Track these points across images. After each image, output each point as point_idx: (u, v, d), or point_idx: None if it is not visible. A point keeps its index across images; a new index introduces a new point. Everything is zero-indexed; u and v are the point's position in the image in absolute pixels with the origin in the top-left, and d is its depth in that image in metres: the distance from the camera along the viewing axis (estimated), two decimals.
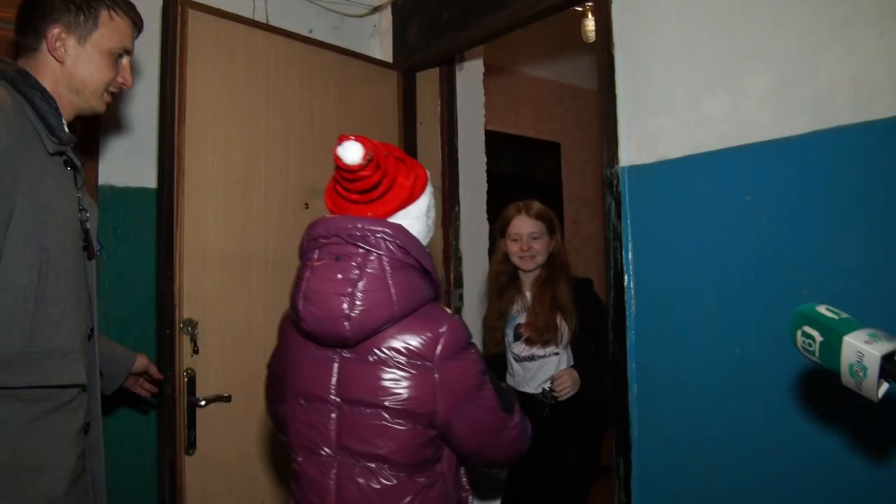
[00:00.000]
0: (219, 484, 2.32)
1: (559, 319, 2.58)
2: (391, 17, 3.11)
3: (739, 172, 1.86)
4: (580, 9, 4.20)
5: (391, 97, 3.00)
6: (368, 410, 1.40)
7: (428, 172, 1.56)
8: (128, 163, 2.40)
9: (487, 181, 3.46)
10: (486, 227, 3.38)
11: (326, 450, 1.44)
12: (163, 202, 2.27)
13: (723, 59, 1.90)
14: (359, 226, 1.40)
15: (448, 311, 1.50)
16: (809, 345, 1.09)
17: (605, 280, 2.19)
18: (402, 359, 1.39)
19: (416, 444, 1.41)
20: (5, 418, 1.35)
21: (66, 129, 1.52)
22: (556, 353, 2.60)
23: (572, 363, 2.60)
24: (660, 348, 2.05)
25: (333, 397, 1.44)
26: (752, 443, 1.83)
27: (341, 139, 1.38)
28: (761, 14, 1.82)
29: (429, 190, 1.53)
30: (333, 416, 1.44)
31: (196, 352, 2.24)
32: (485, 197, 3.42)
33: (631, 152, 2.13)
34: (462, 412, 1.42)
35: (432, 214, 1.54)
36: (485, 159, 3.43)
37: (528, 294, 2.71)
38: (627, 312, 2.11)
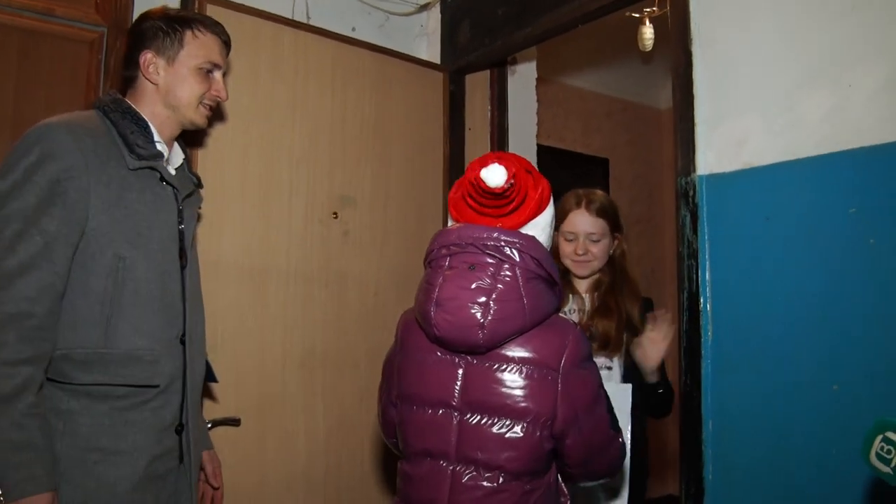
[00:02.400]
0: None
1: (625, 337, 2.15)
2: (440, 16, 2.93)
3: (842, 182, 1.63)
4: (637, 15, 3.97)
5: (436, 100, 2.82)
6: (491, 418, 1.43)
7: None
8: None
9: None
10: None
11: (445, 454, 1.46)
12: None
13: (824, 52, 1.67)
14: (494, 236, 1.43)
15: (570, 322, 1.54)
16: (888, 452, 1.03)
17: (677, 303, 1.95)
18: (528, 367, 1.43)
19: (533, 454, 1.42)
20: (74, 411, 1.46)
21: (157, 147, 1.62)
22: (609, 368, 2.13)
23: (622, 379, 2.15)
24: (740, 381, 1.81)
25: (456, 402, 1.47)
26: (849, 496, 1.57)
27: (486, 161, 1.42)
28: None
29: (551, 201, 1.54)
30: (455, 422, 1.47)
31: None
32: None
33: (710, 159, 1.90)
34: (577, 423, 1.43)
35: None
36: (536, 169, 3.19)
37: (584, 297, 2.22)
38: (703, 339, 1.87)
